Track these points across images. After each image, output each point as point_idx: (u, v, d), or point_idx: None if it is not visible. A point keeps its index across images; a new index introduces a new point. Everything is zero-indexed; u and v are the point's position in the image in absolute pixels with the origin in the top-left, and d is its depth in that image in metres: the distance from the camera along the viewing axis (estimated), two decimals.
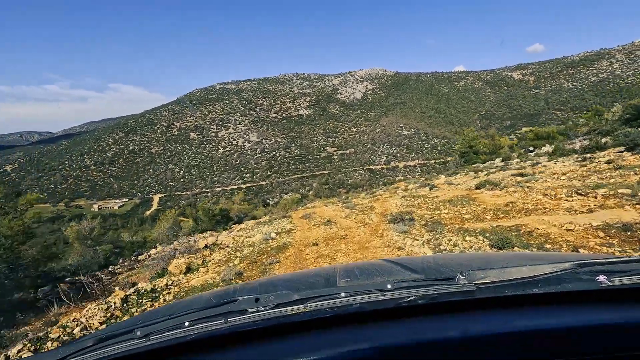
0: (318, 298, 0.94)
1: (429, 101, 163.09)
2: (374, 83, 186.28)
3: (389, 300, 0.91)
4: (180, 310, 1.04)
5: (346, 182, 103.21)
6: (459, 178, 16.29)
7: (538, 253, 2.76)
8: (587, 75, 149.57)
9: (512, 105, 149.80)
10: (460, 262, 1.29)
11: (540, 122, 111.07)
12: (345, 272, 1.27)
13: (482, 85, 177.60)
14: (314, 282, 1.25)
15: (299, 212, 17.88)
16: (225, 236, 11.67)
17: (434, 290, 0.92)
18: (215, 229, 17.04)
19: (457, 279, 0.96)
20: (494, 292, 0.91)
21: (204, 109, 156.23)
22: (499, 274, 0.96)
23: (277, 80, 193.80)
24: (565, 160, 14.74)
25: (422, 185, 15.84)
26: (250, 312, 0.92)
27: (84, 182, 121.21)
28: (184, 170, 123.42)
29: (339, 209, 13.36)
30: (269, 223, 12.61)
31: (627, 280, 0.88)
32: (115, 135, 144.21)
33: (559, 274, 0.94)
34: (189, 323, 0.91)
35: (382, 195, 16.24)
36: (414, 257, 3.47)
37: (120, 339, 0.92)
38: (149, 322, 0.97)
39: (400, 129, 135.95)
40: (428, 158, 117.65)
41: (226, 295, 1.20)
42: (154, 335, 0.89)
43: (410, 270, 1.18)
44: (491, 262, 1.26)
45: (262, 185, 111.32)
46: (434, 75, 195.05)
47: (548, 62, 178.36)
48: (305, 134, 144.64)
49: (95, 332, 1.05)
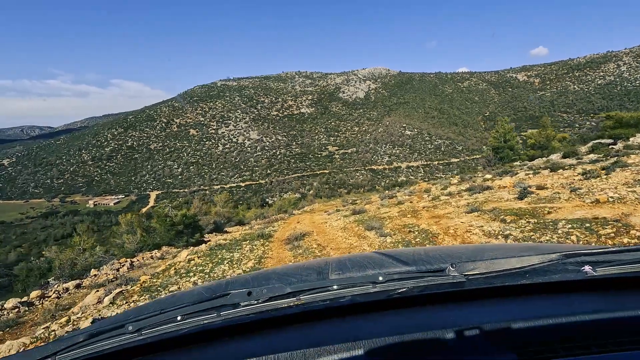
0: (311, 291, 0.94)
1: (432, 101, 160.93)
2: (377, 82, 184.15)
3: (380, 292, 0.91)
4: (172, 304, 1.04)
5: (347, 182, 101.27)
6: (512, 178, 12.69)
7: (527, 244, 2.29)
8: (594, 77, 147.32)
9: (517, 106, 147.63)
10: (450, 253, 1.31)
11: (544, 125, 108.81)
12: (338, 265, 1.28)
13: (487, 87, 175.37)
14: (306, 275, 1.25)
15: (290, 222, 14.59)
16: (167, 263, 8.80)
17: (425, 281, 0.93)
18: (174, 242, 13.79)
19: (448, 271, 0.96)
20: (483, 283, 0.92)
21: (204, 105, 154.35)
22: (488, 265, 0.97)
23: (279, 77, 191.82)
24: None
25: (468, 189, 12.15)
26: (243, 306, 0.92)
27: (80, 178, 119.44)
28: (182, 167, 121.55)
29: (349, 225, 9.81)
30: (230, 249, 9.01)
31: (611, 270, 0.89)
32: (114, 130, 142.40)
33: (546, 264, 0.95)
34: (181, 317, 0.91)
35: (412, 201, 12.72)
36: (405, 249, 3.22)
37: (112, 333, 0.92)
38: (141, 317, 0.97)
39: (403, 129, 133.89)
40: (431, 159, 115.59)
41: (218, 288, 1.19)
42: (146, 329, 0.89)
43: (402, 263, 1.19)
44: (481, 253, 1.28)
45: (262, 183, 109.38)
46: (438, 76, 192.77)
47: (553, 64, 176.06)
48: (306, 132, 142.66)
49: (86, 327, 1.02)
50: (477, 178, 15.98)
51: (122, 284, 7.31)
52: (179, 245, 13.37)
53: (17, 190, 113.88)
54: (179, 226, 13.84)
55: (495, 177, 14.52)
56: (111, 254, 13.38)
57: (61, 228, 62.28)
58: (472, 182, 14.12)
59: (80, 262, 12.24)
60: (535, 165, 16.40)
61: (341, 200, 25.41)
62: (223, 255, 8.28)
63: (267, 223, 15.23)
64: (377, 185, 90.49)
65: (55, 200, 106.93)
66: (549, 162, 16.05)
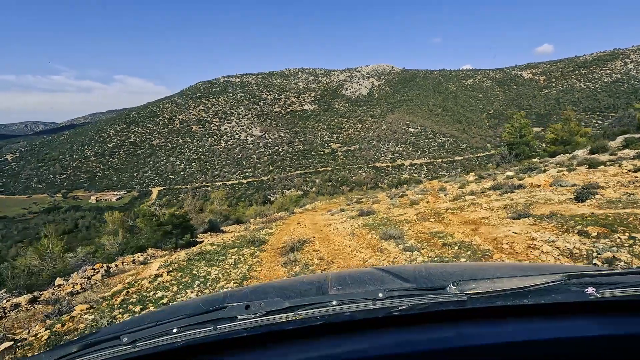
0: (309, 306, 0.93)
1: (436, 99, 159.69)
2: (381, 79, 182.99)
3: (380, 309, 0.90)
4: (169, 316, 1.03)
5: (350, 180, 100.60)
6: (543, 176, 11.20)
7: (529, 264, 2.38)
8: (600, 75, 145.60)
9: (522, 104, 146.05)
10: (452, 271, 1.30)
11: (552, 122, 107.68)
12: (337, 280, 1.26)
13: (491, 84, 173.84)
14: (305, 290, 1.23)
15: (290, 222, 13.57)
16: (127, 281, 7.39)
17: (426, 299, 0.92)
18: (161, 244, 12.43)
19: (449, 289, 0.95)
20: (485, 303, 0.91)
21: (207, 102, 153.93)
22: (490, 284, 0.96)
23: (282, 74, 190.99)
24: None
25: (494, 187, 10.83)
26: (240, 319, 0.91)
27: (83, 173, 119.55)
28: (184, 164, 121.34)
29: (357, 230, 8.57)
30: (212, 261, 7.74)
31: (615, 292, 0.88)
32: (117, 126, 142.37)
33: (549, 285, 0.95)
34: (177, 329, 0.90)
35: (428, 201, 11.34)
36: (406, 265, 3.20)
37: (106, 345, 0.90)
38: (136, 329, 0.95)
39: (406, 127, 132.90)
40: (435, 157, 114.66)
41: (216, 301, 1.18)
42: (141, 341, 0.87)
43: (402, 279, 1.17)
44: (483, 272, 1.26)
45: (264, 180, 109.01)
46: (442, 73, 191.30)
47: (559, 61, 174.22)
48: (309, 129, 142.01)
49: (80, 337, 1.06)
50: (497, 175, 14.93)
51: (48, 317, 5.55)
52: (167, 248, 12.17)
53: (20, 185, 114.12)
54: (166, 226, 12.43)
55: (519, 174, 13.50)
56: (85, 258, 11.84)
57: (62, 224, 62.12)
58: (493, 180, 12.99)
59: (48, 269, 10.70)
60: (560, 161, 15.21)
61: (345, 198, 24.41)
62: (199, 271, 6.97)
63: (265, 223, 14.51)
64: (379, 183, 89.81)
65: (57, 195, 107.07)
66: (574, 158, 14.90)
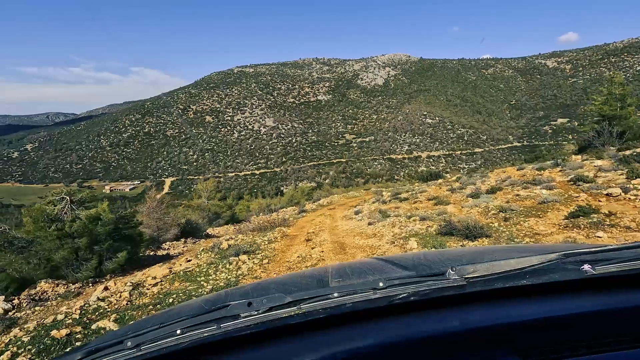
0: (311, 299, 0.94)
1: (454, 89, 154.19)
2: (397, 69, 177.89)
3: (381, 298, 0.91)
4: (171, 318, 1.03)
5: (365, 172, 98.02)
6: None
7: (526, 245, 2.41)
8: (632, 63, 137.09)
9: (546, 95, 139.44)
10: (450, 257, 1.30)
11: (579, 114, 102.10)
12: (338, 272, 1.27)
13: (513, 74, 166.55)
14: (306, 284, 1.24)
15: (296, 233, 10.16)
16: None
17: (426, 286, 0.93)
18: (69, 272, 7.80)
19: (448, 274, 0.96)
20: (484, 286, 0.92)
21: (220, 92, 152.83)
22: (488, 268, 0.97)
23: (296, 64, 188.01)
24: None
25: None
26: (243, 317, 0.91)
27: (98, 163, 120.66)
28: (197, 154, 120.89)
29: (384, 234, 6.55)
30: None
31: (610, 268, 0.90)
32: (132, 116, 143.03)
33: (545, 264, 0.96)
34: (181, 331, 0.90)
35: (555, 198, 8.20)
36: (405, 254, 3.13)
37: (110, 350, 0.91)
38: (140, 332, 0.96)
39: (423, 117, 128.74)
40: (454, 148, 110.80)
41: (218, 300, 1.18)
42: (145, 345, 0.88)
43: (402, 268, 1.18)
44: (480, 256, 1.27)
45: (277, 171, 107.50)
46: (461, 62, 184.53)
47: (587, 49, 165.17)
48: (323, 120, 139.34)
49: (84, 344, 0.98)
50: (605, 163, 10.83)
51: None
52: (81, 278, 7.61)
53: (38, 174, 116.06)
54: (81, 239, 7.71)
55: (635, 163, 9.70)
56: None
57: None
58: (597, 171, 9.65)
59: None
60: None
61: (370, 191, 20.17)
62: None
63: (258, 233, 10.77)
64: (395, 175, 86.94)
65: (73, 185, 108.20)
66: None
